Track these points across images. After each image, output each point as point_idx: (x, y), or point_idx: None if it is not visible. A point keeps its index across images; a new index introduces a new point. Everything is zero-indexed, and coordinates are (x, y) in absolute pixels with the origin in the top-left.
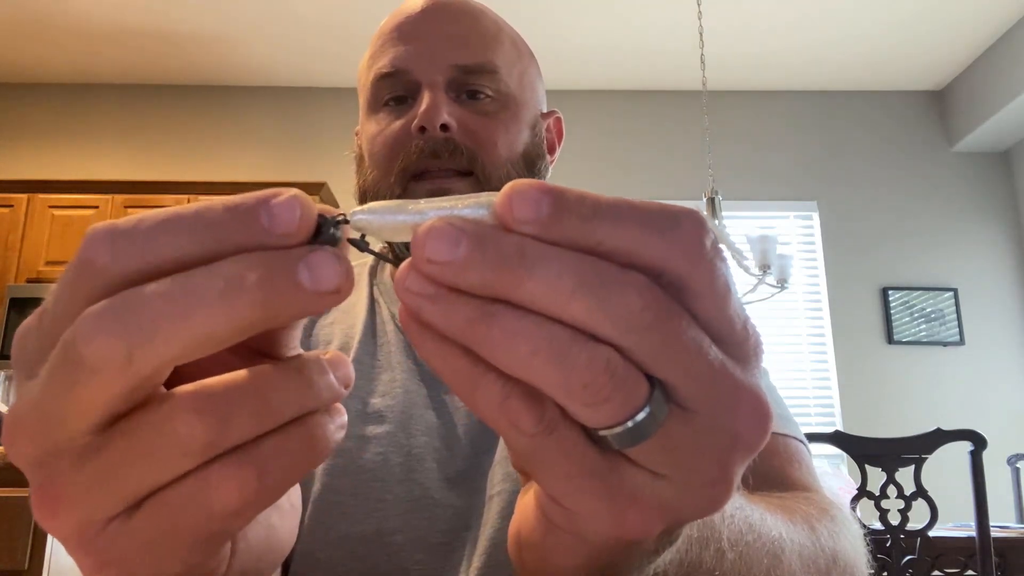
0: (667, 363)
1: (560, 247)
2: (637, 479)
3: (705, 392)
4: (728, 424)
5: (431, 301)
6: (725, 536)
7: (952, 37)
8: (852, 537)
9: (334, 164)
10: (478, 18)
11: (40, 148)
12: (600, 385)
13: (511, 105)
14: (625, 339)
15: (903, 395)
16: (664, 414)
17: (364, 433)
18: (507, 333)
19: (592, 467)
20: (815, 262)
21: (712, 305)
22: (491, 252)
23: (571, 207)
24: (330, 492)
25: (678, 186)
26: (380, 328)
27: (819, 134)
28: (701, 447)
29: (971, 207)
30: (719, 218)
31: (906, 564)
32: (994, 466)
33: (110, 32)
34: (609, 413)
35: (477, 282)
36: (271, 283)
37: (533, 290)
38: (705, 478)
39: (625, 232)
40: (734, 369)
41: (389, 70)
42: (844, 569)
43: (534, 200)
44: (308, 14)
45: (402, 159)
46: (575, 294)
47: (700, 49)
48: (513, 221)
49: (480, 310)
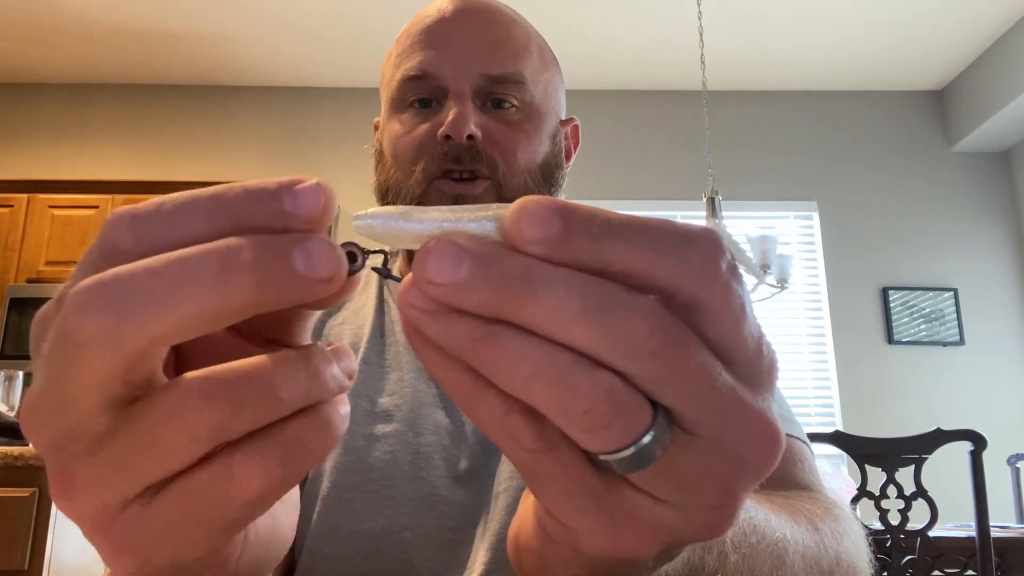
0: (672, 390)
1: (568, 268)
2: (636, 501)
3: (712, 418)
4: (735, 449)
5: (432, 318)
6: (728, 539)
7: (952, 37)
8: (855, 537)
9: (334, 164)
10: (509, 27)
11: (40, 148)
12: (600, 412)
13: (535, 116)
14: (630, 366)
15: (903, 395)
16: (667, 441)
17: (373, 432)
18: (507, 354)
19: (590, 487)
20: (815, 262)
21: (726, 327)
22: (494, 274)
23: (582, 227)
24: (339, 490)
25: (678, 186)
26: (389, 328)
27: (819, 134)
28: (705, 472)
29: (971, 207)
30: (719, 218)
31: (906, 564)
32: (994, 466)
33: (110, 32)
34: (609, 440)
35: (478, 304)
36: (264, 265)
37: (536, 313)
38: (708, 503)
39: (637, 253)
40: (744, 393)
41: (417, 73)
42: (847, 570)
43: (544, 219)
44: (308, 15)
45: (426, 161)
46: (579, 319)
47: (700, 49)
48: (522, 240)
49: (481, 330)
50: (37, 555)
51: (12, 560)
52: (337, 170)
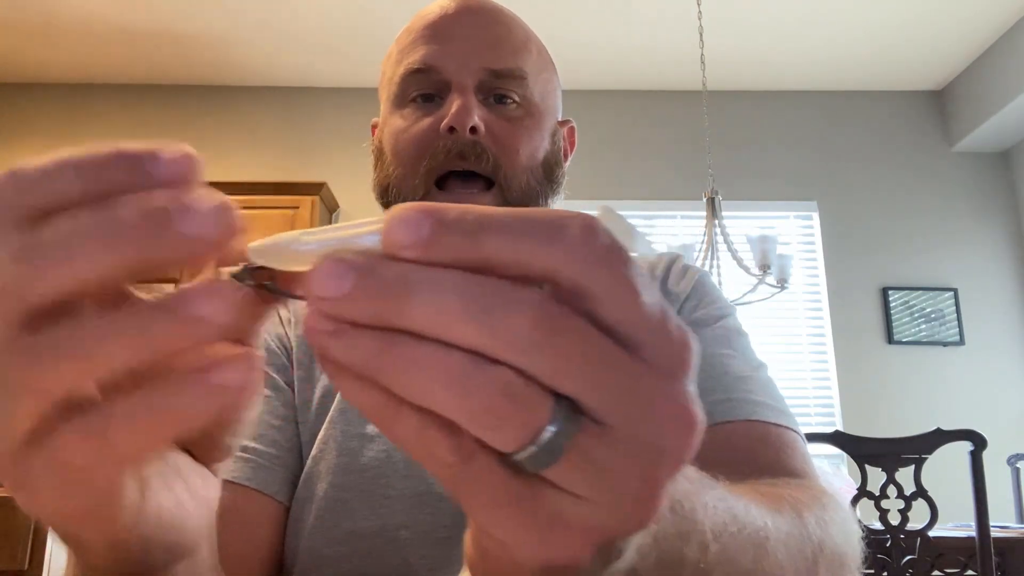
0: (568, 379)
1: (449, 269)
2: (559, 502)
3: (618, 406)
4: (650, 437)
5: (335, 337)
6: (708, 528)
7: (952, 37)
8: (843, 524)
9: (334, 164)
10: (510, 26)
11: (40, 148)
12: (499, 407)
13: (535, 112)
14: (520, 360)
15: (903, 395)
16: (574, 431)
17: (366, 432)
18: (405, 362)
19: (512, 494)
20: (815, 262)
21: (617, 310)
22: (374, 283)
23: (453, 226)
24: (335, 490)
25: (678, 186)
26: None
27: (819, 134)
28: (622, 463)
29: (971, 207)
30: (719, 218)
31: (906, 564)
32: (994, 466)
33: (110, 32)
34: (513, 435)
35: (368, 314)
36: (145, 222)
37: (420, 317)
38: (629, 495)
39: (512, 244)
40: (651, 377)
41: (420, 67)
42: (832, 558)
43: (414, 223)
44: (309, 14)
45: (429, 159)
46: (461, 318)
47: (700, 49)
48: (396, 247)
49: (379, 341)
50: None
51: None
52: (337, 170)
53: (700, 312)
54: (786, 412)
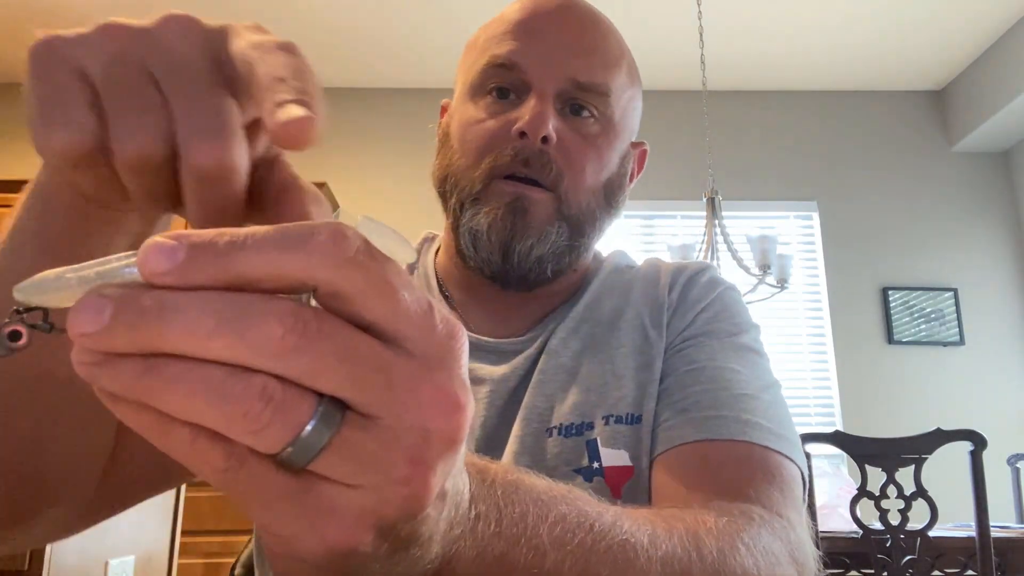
0: (324, 378)
1: (205, 291)
2: (331, 493)
3: (378, 396)
4: (414, 422)
5: (99, 368)
6: (544, 534)
7: (952, 37)
8: (765, 555)
9: (334, 164)
10: (606, 36)
11: None
12: (258, 412)
13: (611, 131)
14: (276, 366)
15: (903, 395)
16: (334, 425)
17: None
18: (166, 382)
19: (285, 491)
20: (815, 262)
21: (375, 307)
22: (131, 313)
23: (206, 248)
24: None
25: (678, 186)
26: None
27: (819, 134)
28: (387, 449)
29: (971, 207)
30: (719, 217)
31: (906, 564)
32: (994, 466)
33: None
34: (276, 437)
35: (127, 344)
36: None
37: (176, 339)
38: (397, 478)
39: (263, 258)
40: (410, 366)
41: (504, 62)
42: None
43: (168, 250)
44: (310, 14)
45: (494, 157)
46: (215, 334)
47: (700, 49)
48: (153, 276)
49: (140, 366)
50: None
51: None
52: (337, 170)
53: (713, 324)
54: (784, 437)
